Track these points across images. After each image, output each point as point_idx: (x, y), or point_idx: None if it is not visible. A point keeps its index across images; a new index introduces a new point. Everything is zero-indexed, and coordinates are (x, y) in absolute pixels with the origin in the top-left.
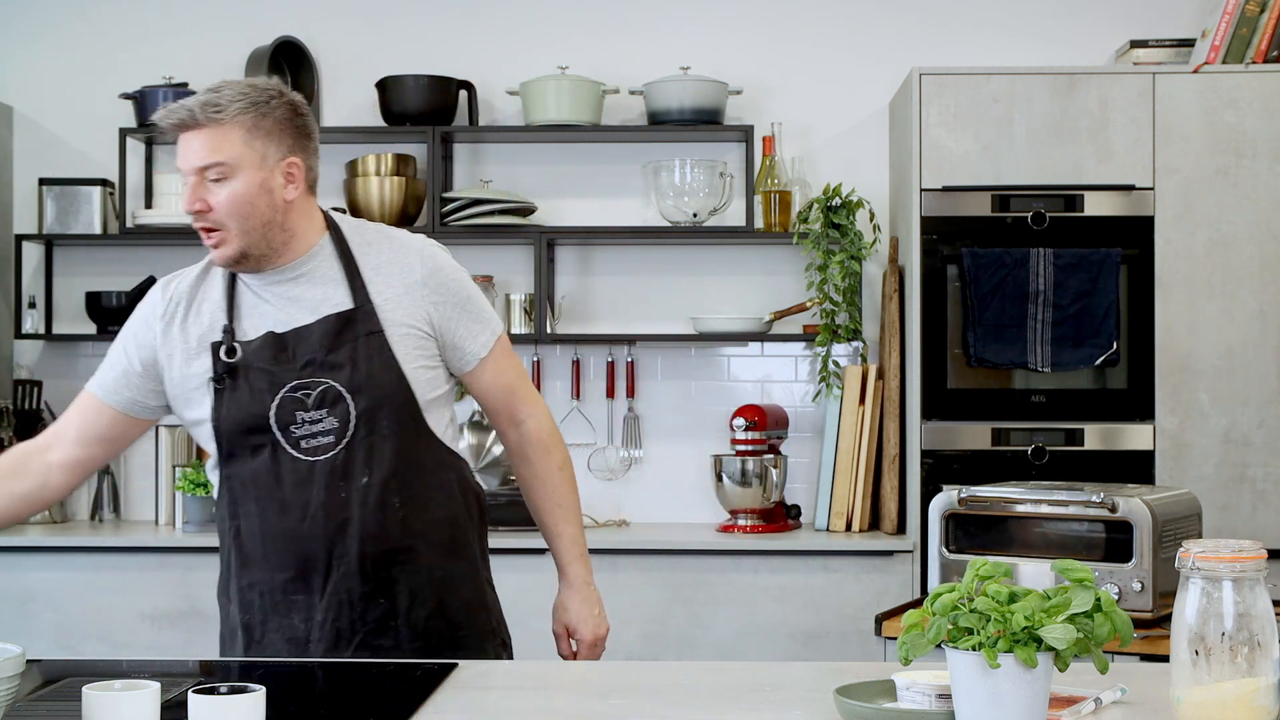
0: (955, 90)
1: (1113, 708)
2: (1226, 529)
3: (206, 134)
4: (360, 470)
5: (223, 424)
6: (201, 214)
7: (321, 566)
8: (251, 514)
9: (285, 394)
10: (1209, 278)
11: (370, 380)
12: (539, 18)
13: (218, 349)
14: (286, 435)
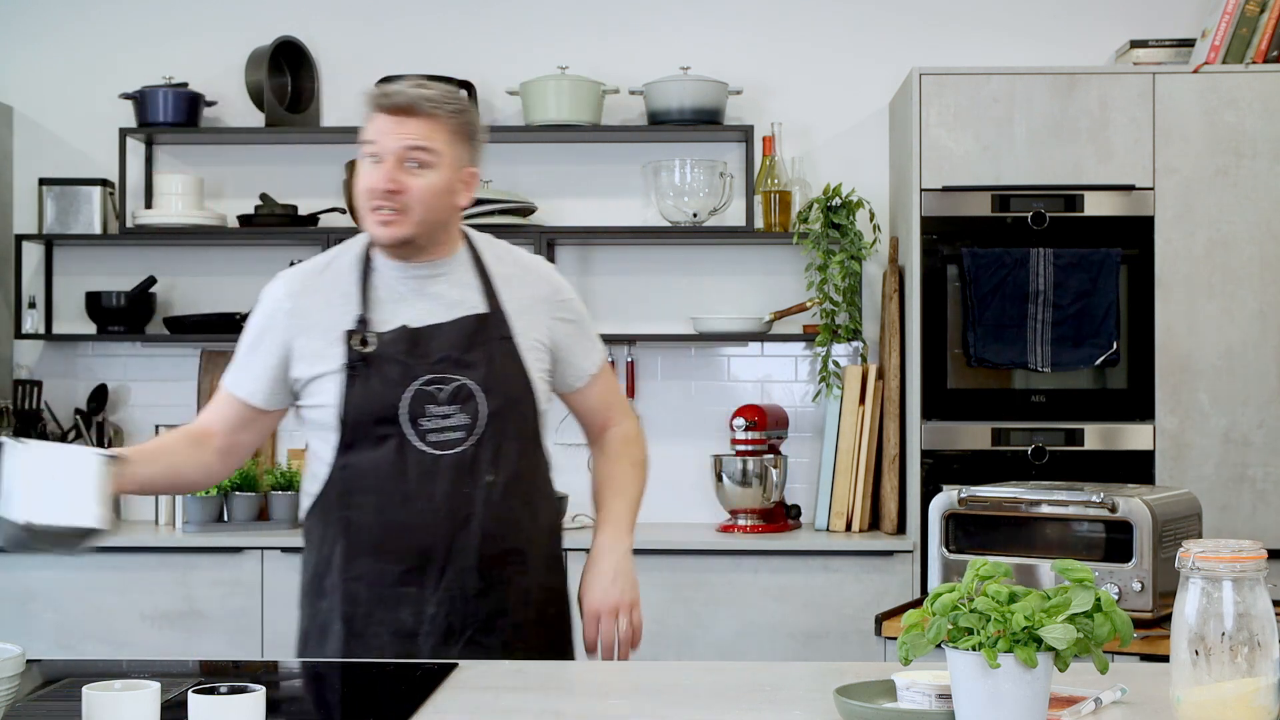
0: (955, 90)
1: (1113, 708)
2: (1226, 529)
3: (419, 123)
4: (486, 469)
5: (350, 412)
6: (392, 194)
7: (439, 561)
8: (367, 505)
9: (418, 387)
10: (1209, 278)
11: (502, 382)
12: (539, 18)
13: (351, 337)
14: (415, 427)
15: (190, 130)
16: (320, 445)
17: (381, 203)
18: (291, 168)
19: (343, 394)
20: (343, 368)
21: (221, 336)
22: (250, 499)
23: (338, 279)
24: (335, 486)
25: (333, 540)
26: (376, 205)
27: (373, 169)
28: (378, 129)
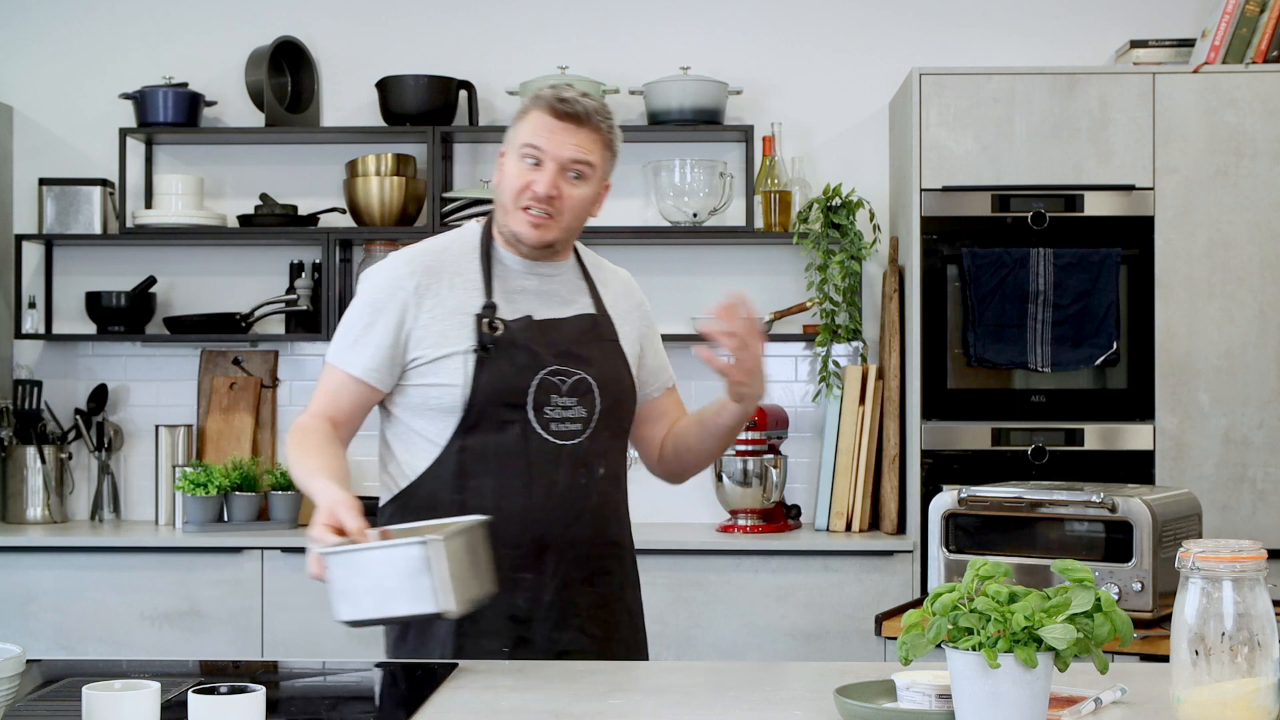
0: (955, 90)
1: (1113, 708)
2: (1226, 529)
3: (586, 134)
4: (598, 462)
5: (479, 393)
6: (551, 200)
7: (554, 548)
8: (486, 489)
9: (544, 375)
10: (1209, 278)
11: (613, 380)
12: (539, 18)
13: (481, 321)
14: (539, 415)
15: (190, 130)
16: (432, 425)
17: (536, 205)
18: (291, 168)
19: (472, 375)
20: (472, 349)
21: (221, 336)
22: (250, 499)
23: (460, 263)
24: (448, 468)
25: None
26: (529, 206)
27: (530, 170)
28: (545, 132)
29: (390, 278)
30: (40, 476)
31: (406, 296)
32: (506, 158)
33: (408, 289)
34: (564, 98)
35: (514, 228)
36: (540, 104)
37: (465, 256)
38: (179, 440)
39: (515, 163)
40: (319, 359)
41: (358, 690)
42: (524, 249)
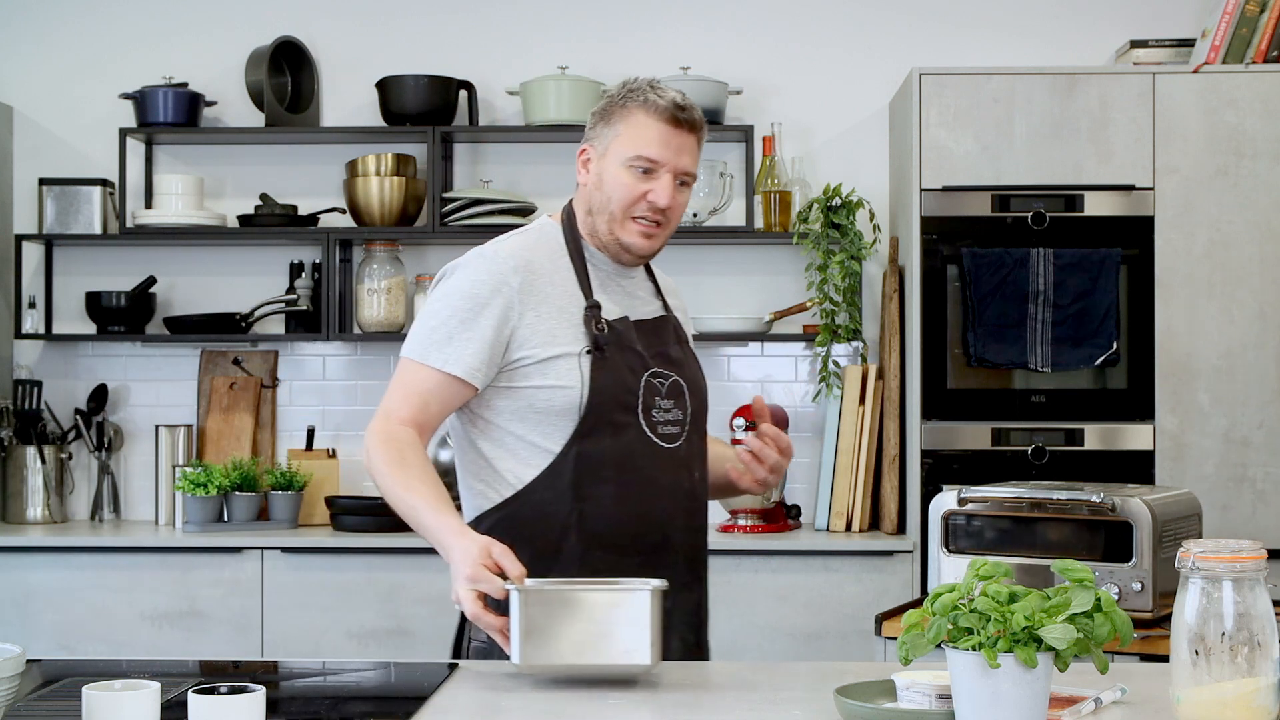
0: (955, 90)
1: (1113, 708)
2: (1226, 529)
3: (695, 140)
4: (695, 463)
5: (596, 396)
6: (665, 210)
7: (668, 553)
8: (605, 495)
9: (648, 377)
10: (1209, 278)
11: (698, 382)
12: (539, 18)
13: (591, 321)
14: (647, 417)
15: (190, 130)
16: (542, 430)
17: (651, 215)
18: (291, 168)
19: (589, 376)
20: (586, 350)
21: (221, 336)
22: (250, 499)
23: (553, 261)
24: (565, 475)
25: (561, 531)
26: (642, 216)
27: (643, 179)
28: (659, 142)
29: (494, 273)
30: (40, 476)
31: (511, 294)
32: (607, 163)
33: (513, 285)
34: (681, 105)
35: (624, 238)
36: (652, 110)
37: (555, 255)
38: (179, 440)
39: (622, 171)
40: (319, 359)
41: (358, 690)
42: (626, 256)
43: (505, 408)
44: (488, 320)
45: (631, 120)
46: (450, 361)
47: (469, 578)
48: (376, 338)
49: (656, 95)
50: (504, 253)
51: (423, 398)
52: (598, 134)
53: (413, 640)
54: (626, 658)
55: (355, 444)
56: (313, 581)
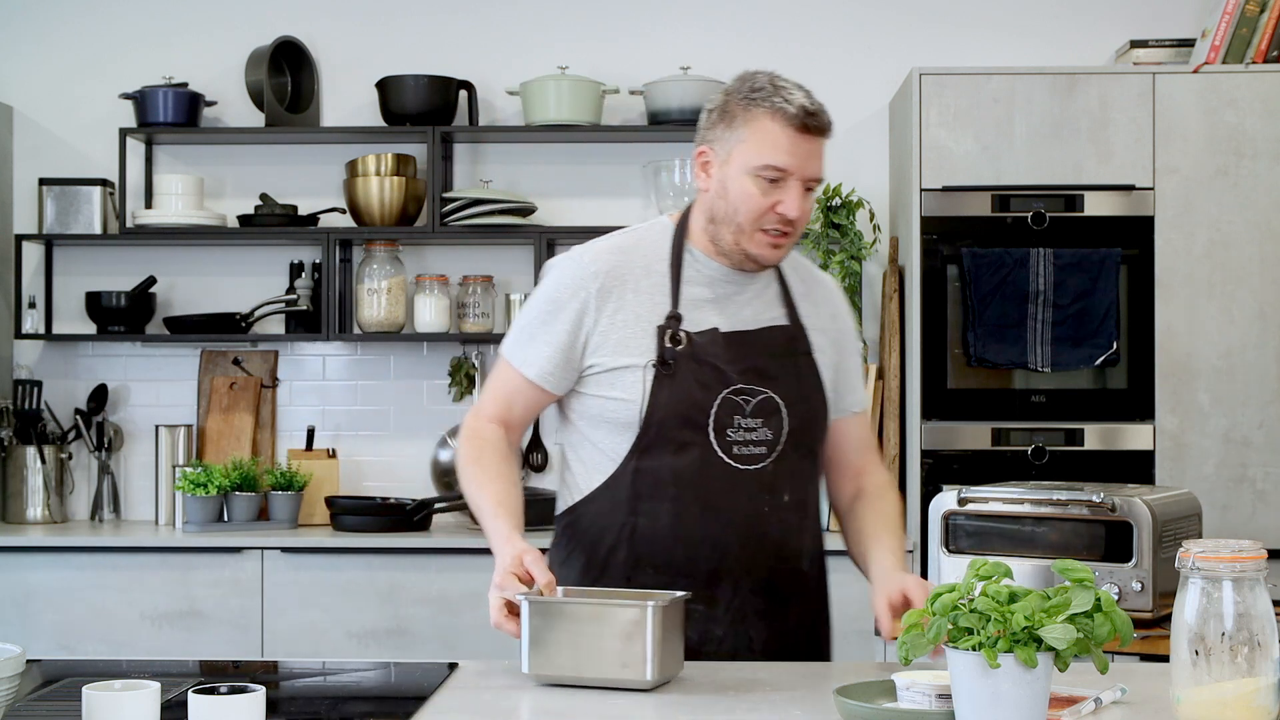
0: (955, 90)
1: (1113, 708)
2: (1226, 529)
3: (822, 144)
4: (783, 486)
5: (657, 412)
6: (793, 221)
7: (732, 579)
8: (661, 513)
9: (727, 394)
10: (1209, 278)
11: (804, 398)
12: (539, 18)
13: (664, 333)
14: (720, 437)
15: (190, 130)
16: (608, 439)
17: (780, 227)
18: (291, 168)
19: (650, 392)
20: (652, 363)
21: (221, 336)
22: (250, 499)
23: (649, 265)
24: (623, 489)
25: (612, 544)
26: (772, 228)
27: (771, 189)
28: (788, 150)
29: (574, 275)
30: (40, 476)
31: (588, 298)
32: (730, 171)
33: (590, 290)
34: (810, 109)
35: (751, 250)
36: (780, 117)
37: (654, 259)
38: (179, 440)
39: (748, 181)
40: (319, 359)
41: (358, 690)
42: (751, 265)
43: (582, 411)
44: (563, 324)
45: (757, 126)
46: (527, 363)
47: (497, 585)
48: (376, 338)
49: (784, 100)
50: (590, 255)
51: (508, 397)
52: (718, 136)
53: (413, 640)
54: (622, 672)
55: (355, 444)
56: (313, 581)
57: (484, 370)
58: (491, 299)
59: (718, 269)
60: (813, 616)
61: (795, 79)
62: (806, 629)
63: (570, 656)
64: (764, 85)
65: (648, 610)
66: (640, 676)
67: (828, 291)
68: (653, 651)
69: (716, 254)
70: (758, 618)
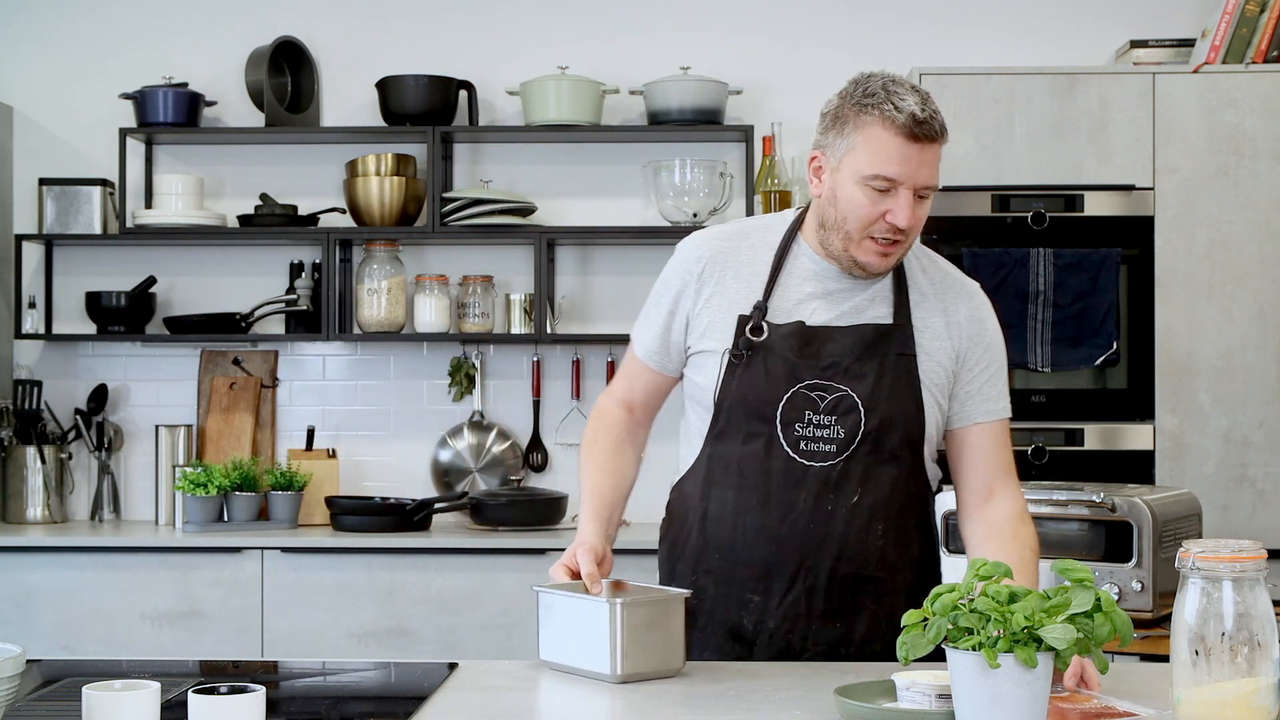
0: (955, 90)
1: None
2: (1226, 529)
3: (935, 149)
4: (853, 487)
5: (726, 400)
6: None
7: (787, 574)
8: (727, 500)
9: (799, 389)
10: (1209, 278)
11: (889, 400)
12: (539, 18)
13: (744, 324)
14: (787, 432)
15: (190, 130)
16: (697, 422)
17: (891, 235)
18: (291, 168)
19: (723, 379)
20: (728, 351)
21: (221, 336)
22: (250, 499)
23: (754, 254)
24: (701, 471)
25: (689, 527)
26: (882, 236)
27: (881, 198)
28: (899, 160)
29: (682, 258)
30: (40, 476)
31: (690, 281)
32: (841, 178)
33: (694, 272)
34: (920, 119)
35: (860, 257)
36: (890, 125)
37: (763, 247)
38: (179, 440)
39: (858, 190)
40: (319, 359)
41: (358, 690)
42: (860, 273)
43: (685, 392)
44: (666, 305)
45: (868, 133)
46: (637, 343)
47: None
48: (376, 338)
49: (894, 106)
50: (701, 238)
51: (629, 378)
52: (829, 142)
53: (413, 640)
54: (594, 664)
55: (355, 444)
56: (313, 581)
57: (484, 370)
58: (491, 299)
59: (822, 264)
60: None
61: (797, 79)
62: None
63: (563, 646)
64: (876, 90)
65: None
66: (604, 670)
67: (963, 298)
68: (620, 648)
69: (825, 255)
70: (817, 619)
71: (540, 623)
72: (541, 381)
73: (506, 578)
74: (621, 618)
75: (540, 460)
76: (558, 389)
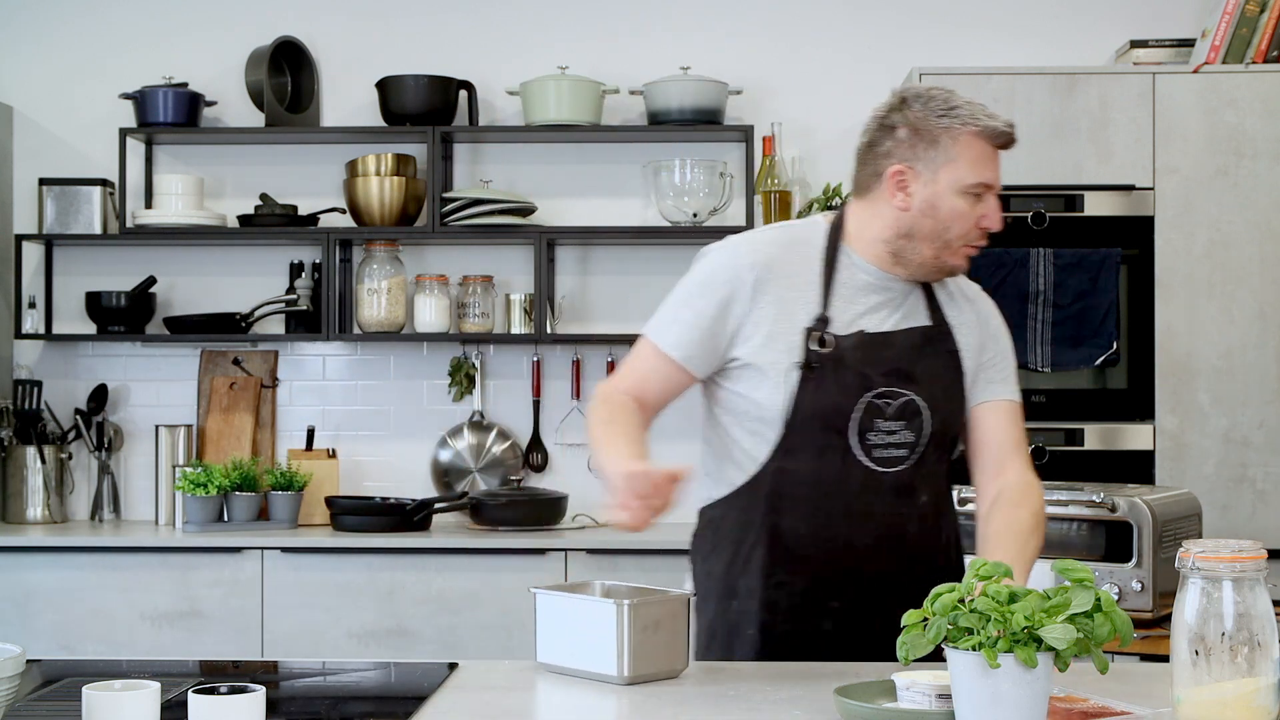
0: (955, 90)
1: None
2: (1226, 529)
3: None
4: (922, 488)
5: (799, 414)
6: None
7: (867, 580)
8: (801, 514)
9: (870, 398)
10: (1209, 278)
11: (946, 399)
12: (539, 18)
13: (811, 335)
14: (862, 441)
15: (190, 130)
16: (748, 438)
17: (982, 240)
18: (291, 168)
19: (794, 393)
20: (797, 365)
21: (221, 336)
22: (250, 499)
23: (803, 263)
24: (763, 487)
25: (753, 542)
26: (974, 242)
27: (976, 204)
28: (988, 165)
29: (731, 262)
30: (40, 476)
31: (742, 287)
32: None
33: (746, 280)
34: (1004, 129)
35: (951, 262)
36: (987, 136)
37: (809, 257)
38: (179, 440)
39: (959, 200)
40: (319, 359)
41: (358, 690)
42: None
43: (726, 408)
44: (711, 307)
45: (965, 144)
46: (670, 343)
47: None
48: (376, 338)
49: (987, 119)
50: (748, 245)
51: (643, 374)
52: (919, 156)
53: (413, 640)
54: (598, 666)
55: (355, 444)
56: (313, 581)
57: (484, 370)
58: (491, 299)
59: (875, 273)
60: None
61: (797, 79)
62: None
63: (564, 648)
64: (958, 104)
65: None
66: (610, 672)
67: (977, 295)
68: (627, 649)
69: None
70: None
71: (539, 624)
72: (541, 381)
73: (506, 578)
74: (628, 618)
75: (540, 460)
76: (558, 389)
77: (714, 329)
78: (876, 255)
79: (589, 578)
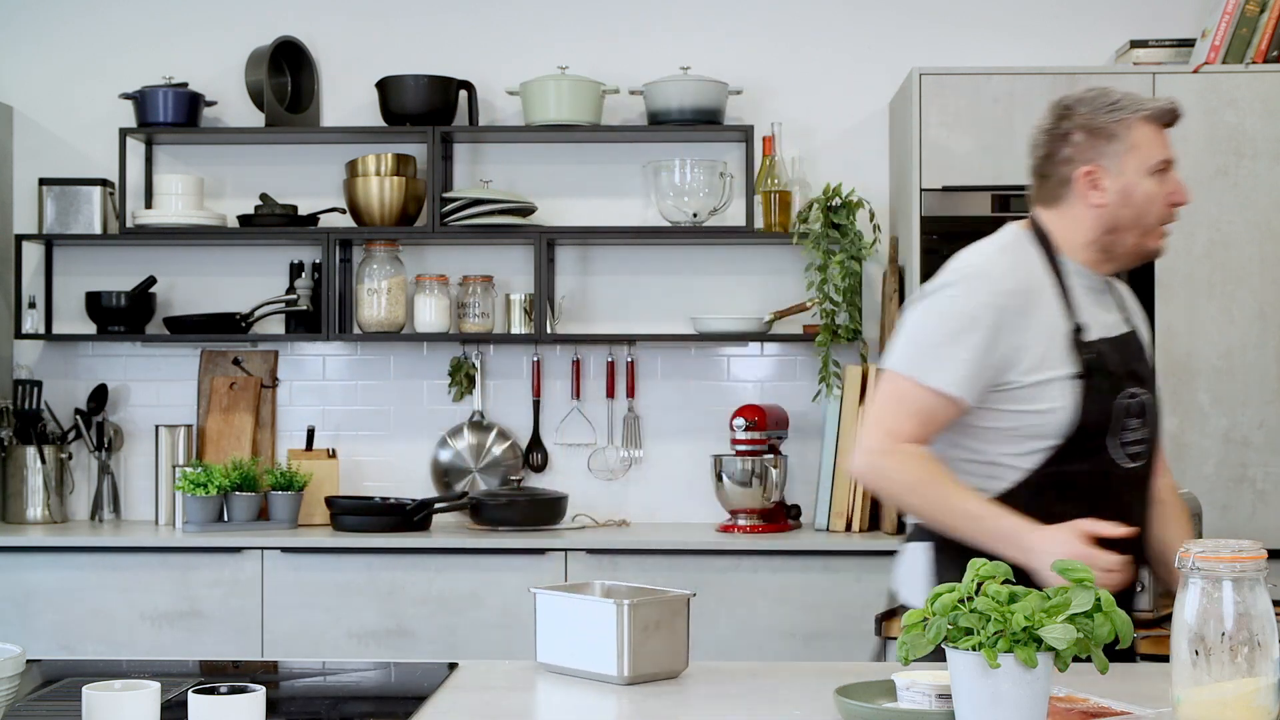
0: (955, 90)
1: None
2: (1226, 529)
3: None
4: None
5: (1082, 420)
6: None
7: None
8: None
9: (1121, 398)
10: (1209, 278)
11: (1158, 396)
12: (539, 18)
13: (1078, 345)
14: (1118, 439)
15: (190, 130)
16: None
17: (1173, 217)
18: (291, 168)
19: (1079, 402)
20: (1075, 374)
21: (221, 336)
22: (250, 499)
23: (1039, 279)
24: (1028, 494)
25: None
26: (1167, 221)
27: (1167, 181)
28: (1164, 142)
29: (990, 292)
30: (40, 476)
31: (1005, 313)
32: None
33: (1009, 306)
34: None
35: (1151, 244)
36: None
37: (1039, 270)
38: (179, 440)
39: (1149, 182)
40: (319, 359)
41: (358, 690)
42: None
43: (989, 430)
44: (981, 339)
45: (1139, 131)
46: (949, 381)
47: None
48: (376, 338)
49: (1153, 103)
50: (999, 271)
51: (924, 416)
52: (1100, 152)
53: (413, 640)
54: (599, 666)
55: (355, 444)
56: (313, 581)
57: (484, 370)
58: (491, 299)
59: (1091, 276)
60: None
61: (797, 79)
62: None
63: (565, 648)
64: (1118, 98)
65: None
66: (611, 672)
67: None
68: (627, 649)
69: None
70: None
71: (539, 624)
72: (541, 381)
73: (506, 578)
74: (628, 618)
75: (540, 460)
76: (558, 389)
77: (986, 360)
78: (1088, 258)
79: (589, 578)
